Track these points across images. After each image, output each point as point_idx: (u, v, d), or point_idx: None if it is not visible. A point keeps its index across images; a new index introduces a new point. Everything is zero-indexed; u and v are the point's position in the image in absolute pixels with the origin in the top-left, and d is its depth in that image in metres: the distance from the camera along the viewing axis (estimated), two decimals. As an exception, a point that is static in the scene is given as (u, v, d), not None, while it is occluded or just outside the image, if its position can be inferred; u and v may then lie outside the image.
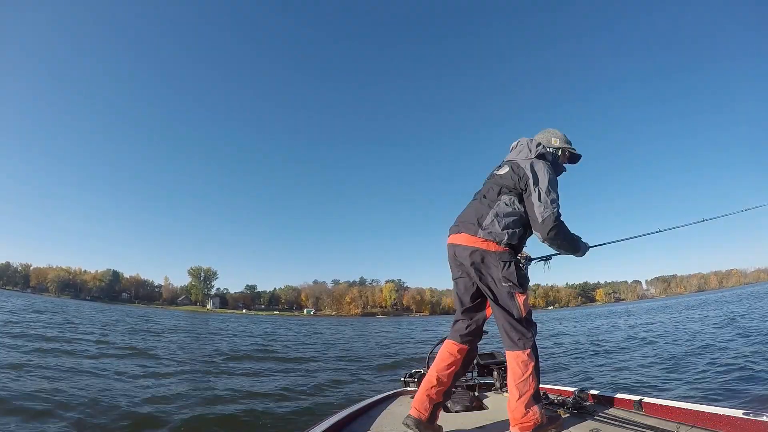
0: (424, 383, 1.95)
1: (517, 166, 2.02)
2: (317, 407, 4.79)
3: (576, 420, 1.93)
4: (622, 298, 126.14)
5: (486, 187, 2.08)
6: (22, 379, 5.29)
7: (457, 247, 1.96)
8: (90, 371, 6.26)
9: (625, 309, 42.75)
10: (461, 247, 1.95)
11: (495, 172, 2.13)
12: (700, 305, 26.60)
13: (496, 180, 2.05)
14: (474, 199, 2.11)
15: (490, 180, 2.11)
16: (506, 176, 2.02)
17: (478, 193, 2.12)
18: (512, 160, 2.09)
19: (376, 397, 2.60)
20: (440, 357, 2.00)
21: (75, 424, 3.80)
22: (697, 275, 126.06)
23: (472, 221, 1.95)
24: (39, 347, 8.16)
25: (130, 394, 4.92)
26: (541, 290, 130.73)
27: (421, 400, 1.89)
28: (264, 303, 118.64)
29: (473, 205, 2.06)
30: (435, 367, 1.97)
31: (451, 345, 2.01)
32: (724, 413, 1.57)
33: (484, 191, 2.07)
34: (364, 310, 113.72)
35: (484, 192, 2.07)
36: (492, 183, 2.06)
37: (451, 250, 2.01)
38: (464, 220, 2.01)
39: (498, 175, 2.07)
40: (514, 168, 2.01)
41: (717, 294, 58.80)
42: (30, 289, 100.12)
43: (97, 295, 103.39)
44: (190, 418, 4.18)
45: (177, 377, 6.39)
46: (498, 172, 2.10)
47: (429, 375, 1.96)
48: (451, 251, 2.01)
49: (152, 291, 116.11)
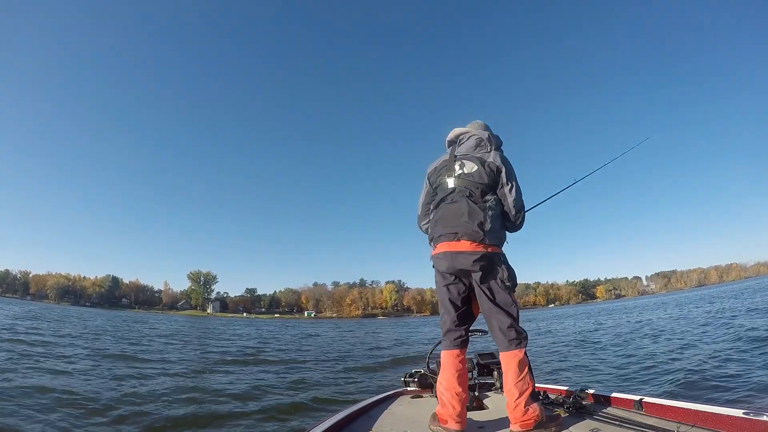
0: (450, 399, 1.88)
1: (484, 162, 2.01)
2: (317, 407, 4.79)
3: (576, 420, 1.92)
4: (623, 295, 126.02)
5: (463, 189, 1.99)
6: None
7: (460, 254, 1.90)
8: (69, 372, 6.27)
9: (623, 306, 42.91)
10: (465, 254, 1.89)
11: (460, 171, 2.03)
12: (695, 301, 26.67)
13: (473, 179, 1.99)
14: (454, 202, 1.98)
15: (460, 179, 2.01)
16: (478, 174, 1.99)
17: (454, 195, 2.00)
18: (474, 156, 2.05)
19: (376, 397, 2.60)
20: (451, 371, 1.94)
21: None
22: (697, 270, 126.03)
23: (474, 228, 1.88)
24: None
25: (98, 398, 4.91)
26: (541, 288, 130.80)
27: (460, 413, 1.86)
28: (264, 306, 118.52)
29: (461, 208, 1.94)
30: (452, 381, 1.91)
31: (454, 354, 1.97)
32: (724, 413, 1.56)
33: (466, 193, 1.97)
34: (365, 311, 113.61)
35: (464, 193, 1.97)
36: (468, 183, 1.99)
37: (448, 258, 1.93)
38: (461, 226, 1.91)
39: (468, 174, 2.01)
40: (483, 164, 2.00)
41: (717, 289, 58.72)
42: (30, 296, 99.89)
43: (97, 301, 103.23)
44: (175, 417, 4.21)
45: (159, 380, 6.36)
46: (465, 171, 2.02)
47: (450, 391, 1.89)
48: (449, 259, 1.93)
49: (152, 296, 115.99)
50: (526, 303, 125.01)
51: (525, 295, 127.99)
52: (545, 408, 1.93)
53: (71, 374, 6.23)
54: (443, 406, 1.89)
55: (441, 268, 2.00)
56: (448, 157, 2.14)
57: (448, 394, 1.89)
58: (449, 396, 1.88)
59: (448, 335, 2.01)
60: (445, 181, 2.07)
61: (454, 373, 1.93)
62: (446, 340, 2.01)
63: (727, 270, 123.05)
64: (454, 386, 1.89)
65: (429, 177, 2.20)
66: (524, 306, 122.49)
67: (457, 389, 1.88)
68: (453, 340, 2.00)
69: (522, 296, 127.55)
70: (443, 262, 1.96)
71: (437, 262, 2.02)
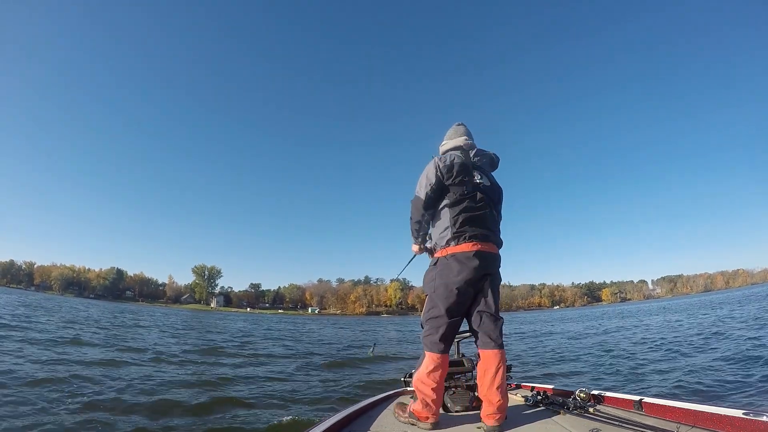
0: (437, 399, 1.98)
1: (496, 182, 2.29)
2: (316, 408, 4.76)
3: (576, 420, 1.93)
4: (628, 298, 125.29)
5: (487, 198, 2.15)
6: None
7: (489, 254, 2.05)
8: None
9: (622, 310, 42.89)
10: (493, 255, 2.08)
11: (477, 180, 2.16)
12: (696, 308, 26.24)
13: (493, 192, 2.23)
14: (486, 209, 2.12)
15: (481, 190, 2.14)
16: (495, 190, 2.25)
17: (481, 202, 2.11)
18: (489, 172, 2.31)
19: (376, 397, 2.62)
20: (442, 374, 1.99)
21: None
22: (704, 275, 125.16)
23: (495, 233, 2.13)
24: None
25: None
26: (546, 289, 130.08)
27: (436, 410, 1.99)
28: (268, 301, 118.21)
29: (487, 215, 2.11)
30: (441, 384, 2.00)
31: (444, 358, 2.01)
32: (724, 413, 1.56)
33: (488, 200, 2.15)
34: (369, 308, 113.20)
35: (488, 203, 2.15)
36: (487, 196, 2.16)
37: (480, 257, 2.00)
38: (489, 231, 2.09)
39: (487, 187, 2.18)
40: (494, 183, 2.27)
41: (723, 294, 58.40)
42: (34, 287, 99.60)
43: (101, 294, 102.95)
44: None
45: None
46: (483, 182, 2.18)
47: (438, 393, 1.98)
48: (481, 259, 2.00)
49: (156, 289, 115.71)
50: (531, 304, 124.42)
51: (530, 297, 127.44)
52: (547, 408, 2.10)
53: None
54: (426, 406, 1.97)
55: (467, 268, 1.98)
56: (465, 160, 2.18)
57: (435, 395, 1.97)
58: (437, 397, 1.98)
59: (444, 339, 2.01)
60: (472, 183, 2.15)
61: (444, 375, 2.02)
62: (442, 345, 2.01)
63: (733, 276, 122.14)
64: (442, 390, 2.04)
65: (444, 171, 2.15)
66: (529, 307, 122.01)
67: (442, 392, 2.07)
68: (447, 345, 2.03)
69: (527, 297, 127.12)
70: (474, 261, 1.99)
71: (469, 262, 1.99)
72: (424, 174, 2.16)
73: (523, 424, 1.95)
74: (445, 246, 2.06)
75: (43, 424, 3.60)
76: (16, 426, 3.53)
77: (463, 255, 1.99)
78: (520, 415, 2.11)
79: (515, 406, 2.33)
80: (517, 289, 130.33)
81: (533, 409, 2.24)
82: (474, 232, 2.02)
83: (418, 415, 1.99)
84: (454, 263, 1.99)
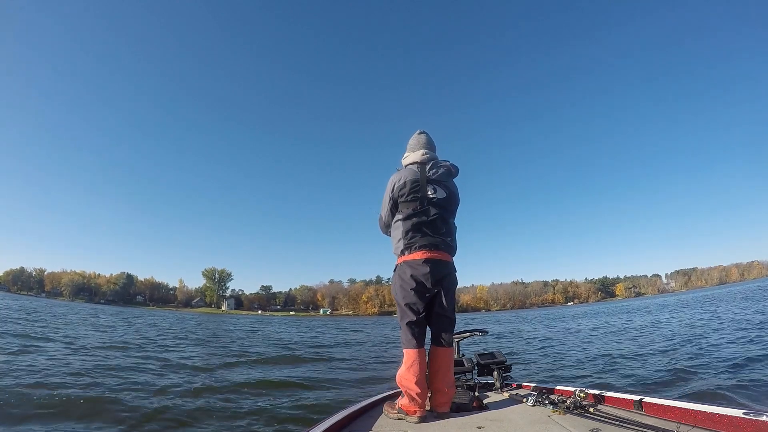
0: (421, 393, 2.11)
1: (453, 192, 2.37)
2: (317, 406, 4.68)
3: (576, 420, 1.93)
4: (642, 293, 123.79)
5: (441, 210, 2.28)
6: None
7: (440, 262, 2.23)
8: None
9: (627, 306, 41.50)
10: (443, 262, 2.25)
11: (431, 195, 2.27)
12: (708, 301, 25.02)
13: (449, 202, 2.33)
14: (438, 220, 2.27)
15: (434, 203, 2.27)
16: (451, 200, 2.35)
17: (434, 215, 2.26)
18: (445, 183, 2.36)
19: (376, 397, 2.62)
20: (422, 366, 2.18)
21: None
22: (718, 268, 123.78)
23: (449, 243, 2.30)
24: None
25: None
26: (560, 285, 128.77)
27: (422, 403, 2.13)
28: (279, 303, 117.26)
29: (438, 226, 2.27)
30: (422, 378, 2.15)
31: (420, 352, 2.21)
32: (724, 413, 1.56)
33: (442, 211, 2.28)
34: (381, 309, 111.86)
35: (442, 214, 2.28)
36: (442, 208, 2.29)
37: (430, 264, 2.19)
38: (440, 240, 2.26)
39: (442, 199, 2.29)
40: (451, 193, 2.35)
41: (739, 287, 57.04)
42: (44, 293, 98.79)
43: (112, 299, 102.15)
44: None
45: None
46: (438, 195, 2.28)
47: (422, 387, 2.12)
48: (431, 266, 2.19)
49: (167, 293, 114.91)
50: (545, 301, 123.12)
51: (543, 293, 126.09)
52: (544, 405, 2.18)
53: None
54: (412, 400, 2.12)
55: (417, 275, 2.19)
56: (420, 176, 2.30)
57: (419, 389, 2.11)
58: (421, 390, 2.12)
59: (416, 335, 2.21)
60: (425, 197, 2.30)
61: (424, 370, 2.20)
62: (416, 340, 2.21)
63: (748, 268, 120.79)
64: (424, 383, 2.16)
65: (400, 189, 2.32)
66: (542, 304, 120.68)
67: (425, 385, 2.16)
68: (421, 339, 2.23)
69: (540, 294, 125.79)
70: (424, 268, 2.19)
71: (419, 268, 2.20)
72: (386, 191, 2.36)
73: (524, 424, 1.92)
74: (400, 255, 2.28)
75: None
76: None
77: (415, 262, 2.21)
78: (521, 415, 2.09)
79: (516, 405, 2.32)
80: (530, 285, 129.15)
81: (533, 408, 2.21)
82: (424, 242, 2.22)
83: (406, 410, 2.12)
84: (408, 269, 2.22)
